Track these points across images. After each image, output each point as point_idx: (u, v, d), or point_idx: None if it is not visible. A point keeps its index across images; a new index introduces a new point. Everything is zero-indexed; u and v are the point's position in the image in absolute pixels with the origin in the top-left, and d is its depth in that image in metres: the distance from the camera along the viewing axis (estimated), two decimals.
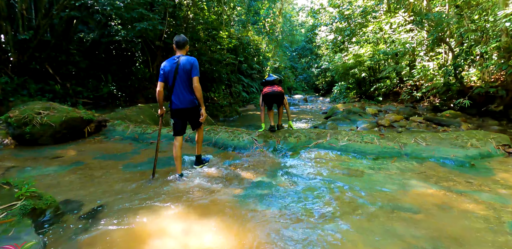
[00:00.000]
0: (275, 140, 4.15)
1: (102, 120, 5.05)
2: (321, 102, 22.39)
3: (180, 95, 3.12)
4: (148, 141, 4.68)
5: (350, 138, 4.07)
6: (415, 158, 3.61)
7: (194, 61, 3.12)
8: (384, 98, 15.69)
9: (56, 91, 9.94)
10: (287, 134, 4.29)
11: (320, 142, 4.11)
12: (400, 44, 13.05)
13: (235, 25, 17.79)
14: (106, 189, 2.80)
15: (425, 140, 3.93)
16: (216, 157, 3.81)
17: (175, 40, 3.21)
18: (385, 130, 8.56)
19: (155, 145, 4.45)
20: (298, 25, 26.98)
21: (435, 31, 9.66)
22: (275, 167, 3.39)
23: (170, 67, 3.10)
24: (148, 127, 5.09)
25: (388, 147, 3.82)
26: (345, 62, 17.67)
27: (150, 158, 3.77)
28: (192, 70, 3.07)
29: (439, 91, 11.97)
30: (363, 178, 3.00)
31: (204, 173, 3.24)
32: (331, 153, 3.84)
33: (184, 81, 3.10)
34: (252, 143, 4.15)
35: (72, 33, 10.90)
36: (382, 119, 9.47)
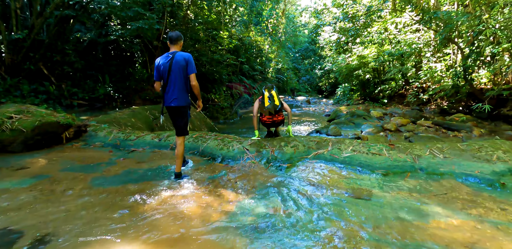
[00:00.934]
0: (269, 149, 3.59)
1: (82, 125, 4.54)
2: (324, 104, 21.76)
3: (174, 93, 2.98)
4: (129, 148, 4.15)
5: (355, 148, 3.50)
6: (432, 174, 3.02)
7: (189, 57, 2.99)
8: (389, 101, 15.02)
9: (50, 93, 9.51)
10: (283, 142, 3.72)
11: (321, 152, 3.54)
12: (406, 44, 12.40)
13: (237, 26, 17.28)
14: (61, 214, 2.27)
15: (442, 151, 3.34)
16: (200, 170, 3.27)
17: (168, 35, 3.10)
18: (391, 135, 7.95)
19: (135, 154, 3.94)
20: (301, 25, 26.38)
21: (444, 30, 9.01)
22: (266, 184, 2.83)
23: (164, 64, 2.96)
24: (132, 132, 4.57)
25: (400, 159, 3.24)
26: (349, 63, 17.03)
27: (126, 171, 3.24)
28: (188, 66, 2.95)
29: (447, 93, 11.30)
30: (371, 201, 2.43)
31: (182, 191, 2.70)
32: (333, 166, 3.27)
33: (179, 79, 2.96)
34: (243, 152, 3.60)
35: (68, 33, 10.47)
36: (388, 123, 8.85)
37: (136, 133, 4.53)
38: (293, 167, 3.27)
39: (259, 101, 4.14)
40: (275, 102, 3.99)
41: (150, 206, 2.35)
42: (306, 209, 2.30)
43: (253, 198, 2.51)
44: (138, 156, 3.82)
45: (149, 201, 2.42)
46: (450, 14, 8.69)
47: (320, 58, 31.38)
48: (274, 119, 4.16)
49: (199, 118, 10.31)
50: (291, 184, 2.82)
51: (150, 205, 2.38)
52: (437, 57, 12.81)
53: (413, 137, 7.34)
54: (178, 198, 2.51)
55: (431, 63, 12.91)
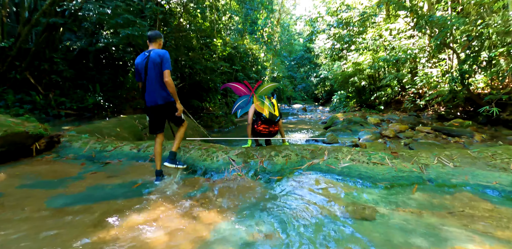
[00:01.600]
0: (257, 160, 3.16)
1: (55, 136, 4.11)
2: (320, 111, 21.42)
3: (152, 92, 2.88)
4: (104, 160, 3.71)
5: (353, 157, 3.08)
6: (443, 186, 2.60)
7: (165, 53, 2.87)
8: (386, 107, 14.71)
9: (36, 102, 9.08)
10: (273, 152, 3.30)
11: (316, 162, 3.12)
12: (401, 51, 12.19)
13: (232, 34, 17.09)
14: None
15: (452, 159, 2.93)
16: (177, 185, 2.82)
17: (147, 35, 3.04)
18: (390, 141, 7.55)
19: (109, 167, 3.49)
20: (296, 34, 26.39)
21: (439, 35, 8.77)
22: (251, 202, 2.39)
23: (141, 63, 2.89)
24: (110, 143, 4.13)
25: (405, 169, 2.82)
26: (344, 70, 16.81)
27: (92, 187, 2.79)
28: (163, 63, 2.83)
29: (444, 99, 10.99)
30: (375, 222, 2.00)
31: (150, 213, 2.25)
32: (330, 179, 2.84)
33: (155, 76, 2.86)
34: (228, 164, 3.16)
35: (57, 41, 10.14)
36: (386, 129, 8.47)
37: (114, 143, 4.10)
38: (284, 180, 2.83)
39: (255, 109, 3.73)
40: (274, 113, 3.59)
41: (105, 235, 1.90)
42: (297, 235, 1.87)
43: (234, 220, 2.07)
44: (112, 169, 3.38)
45: (106, 227, 1.97)
46: (445, 18, 8.47)
47: (315, 66, 31.32)
48: (270, 129, 3.72)
49: (192, 127, 9.88)
50: (280, 201, 2.39)
51: (106, 232, 1.92)
52: (432, 63, 12.59)
53: (413, 143, 6.94)
54: (144, 222, 2.06)
55: (427, 69, 12.68)
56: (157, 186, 2.74)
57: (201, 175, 3.05)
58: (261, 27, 19.75)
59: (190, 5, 10.91)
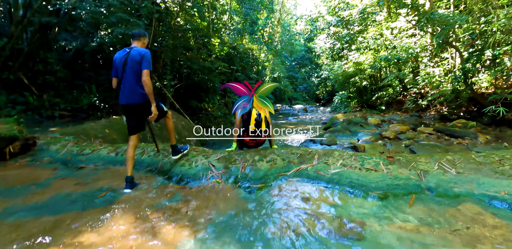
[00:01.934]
0: (239, 165, 2.86)
1: (30, 138, 3.84)
2: (321, 112, 21.06)
3: (128, 90, 2.71)
4: (79, 164, 3.43)
5: (345, 162, 2.77)
6: (445, 196, 2.28)
7: (146, 52, 2.74)
8: (387, 108, 14.32)
9: (29, 103, 8.87)
10: (257, 156, 2.99)
11: (304, 167, 2.81)
12: (402, 50, 11.81)
13: (231, 34, 16.81)
14: None
15: (454, 165, 2.61)
16: (148, 194, 2.53)
17: (132, 31, 3.00)
18: (390, 143, 7.21)
19: (82, 172, 3.21)
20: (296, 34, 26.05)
21: (442, 33, 8.40)
22: (226, 215, 2.08)
23: (120, 60, 2.76)
24: (88, 145, 3.86)
25: (401, 176, 2.50)
26: (345, 70, 16.46)
27: (55, 196, 2.51)
28: (143, 62, 2.68)
29: (447, 99, 10.60)
30: (365, 242, 1.69)
31: (108, 230, 1.95)
32: (317, 187, 2.53)
33: (133, 74, 2.71)
34: (207, 169, 2.86)
35: (52, 41, 9.93)
36: (386, 130, 8.12)
37: (93, 146, 3.82)
38: (266, 189, 2.52)
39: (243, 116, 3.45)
40: (261, 127, 3.34)
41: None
42: None
43: (202, 239, 1.77)
44: (84, 174, 3.10)
45: (52, 246, 1.68)
46: (447, 16, 8.09)
47: (316, 66, 30.95)
48: (258, 140, 3.47)
49: (188, 128, 9.61)
50: (258, 214, 2.08)
51: None
52: (434, 62, 12.19)
53: (414, 145, 6.59)
54: (92, 242, 1.77)
55: (429, 68, 12.28)
56: (125, 195, 2.45)
57: (177, 182, 2.75)
58: (262, 27, 19.45)
59: (187, 4, 10.64)
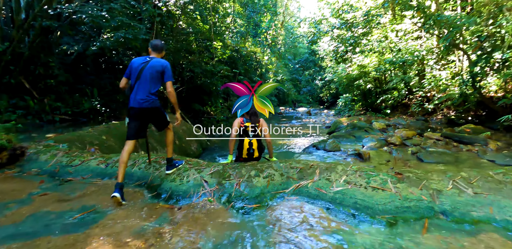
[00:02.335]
0: (234, 181, 2.61)
1: (18, 148, 3.65)
2: (325, 115, 20.74)
3: (138, 95, 2.72)
4: (66, 177, 3.22)
5: (349, 179, 2.50)
6: (462, 222, 2.00)
7: (168, 65, 2.84)
8: (392, 111, 13.97)
9: (30, 107, 8.75)
10: (254, 171, 2.74)
11: (304, 184, 2.55)
12: (408, 52, 11.49)
13: (234, 37, 16.63)
14: None
15: (471, 183, 2.33)
16: (132, 213, 2.29)
17: (152, 43, 2.97)
18: (396, 149, 6.89)
19: (67, 186, 3.00)
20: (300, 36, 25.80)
21: (449, 35, 8.08)
22: (215, 244, 1.84)
23: (138, 65, 2.78)
24: (79, 156, 3.64)
25: (412, 197, 2.23)
26: (349, 73, 16.15)
27: (33, 216, 2.29)
28: (165, 73, 2.79)
29: (454, 103, 10.25)
30: None
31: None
32: (318, 208, 2.27)
33: (148, 82, 2.74)
34: (199, 185, 2.62)
35: (54, 45, 9.83)
36: (392, 136, 7.81)
37: (83, 157, 3.61)
38: (262, 209, 2.27)
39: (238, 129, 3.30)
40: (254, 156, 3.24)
41: None
42: None
43: None
44: (69, 189, 2.88)
45: None
46: (454, 17, 7.79)
47: (320, 69, 30.65)
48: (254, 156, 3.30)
49: (189, 133, 9.41)
50: (250, 242, 1.83)
51: None
52: (441, 65, 11.84)
53: (421, 152, 6.27)
54: None
55: (435, 71, 11.93)
56: (107, 216, 2.22)
57: (165, 200, 2.51)
58: (265, 30, 19.26)
59: (189, 7, 10.47)
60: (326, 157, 6.54)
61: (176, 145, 8.08)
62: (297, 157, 6.36)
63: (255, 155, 3.27)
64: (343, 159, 6.25)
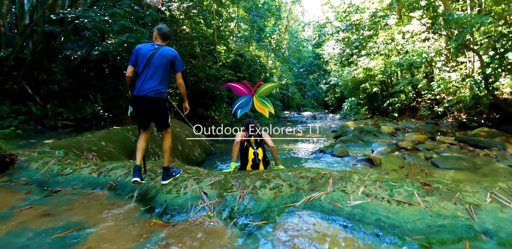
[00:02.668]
0: (236, 193, 2.30)
1: (7, 156, 3.39)
2: (330, 119, 20.33)
3: (146, 83, 2.59)
4: (55, 187, 2.94)
5: (368, 191, 2.17)
6: (510, 245, 1.66)
7: (177, 54, 2.70)
8: (400, 114, 13.55)
9: (32, 113, 8.59)
10: (259, 181, 2.42)
11: (316, 196, 2.22)
12: (415, 54, 11.13)
13: (238, 41, 16.47)
14: None
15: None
16: (119, 231, 1.99)
17: (161, 30, 2.72)
18: (408, 154, 6.49)
19: (54, 198, 2.71)
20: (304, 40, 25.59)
21: (461, 35, 7.73)
22: None
23: (146, 52, 2.62)
24: (72, 163, 3.37)
25: (445, 213, 1.88)
26: (354, 76, 15.82)
27: (9, 234, 2.01)
28: (176, 63, 2.68)
29: (466, 105, 9.82)
30: None
31: None
32: (334, 226, 1.94)
33: (157, 70, 2.61)
34: (198, 198, 2.31)
35: (57, 50, 9.72)
36: (402, 140, 7.41)
37: (75, 164, 3.34)
38: (268, 227, 1.95)
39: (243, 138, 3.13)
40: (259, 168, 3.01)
41: None
42: None
43: None
44: (56, 201, 2.60)
45: None
46: (466, 17, 7.44)
47: (325, 73, 30.34)
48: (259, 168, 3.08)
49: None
50: None
51: None
52: (450, 67, 11.45)
53: (436, 158, 5.87)
54: None
55: (444, 73, 11.54)
56: (92, 234, 1.92)
57: (159, 215, 2.20)
58: (269, 34, 19.09)
59: (193, 12, 10.31)
60: (335, 162, 6.18)
61: (178, 150, 7.80)
62: (304, 163, 6.01)
63: (260, 168, 3.03)
64: (352, 165, 5.88)
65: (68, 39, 9.89)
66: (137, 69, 2.68)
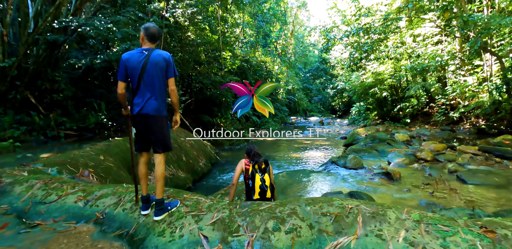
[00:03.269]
0: (244, 238, 1.83)
1: None
2: (338, 125, 19.72)
3: (147, 99, 2.23)
4: (34, 219, 2.51)
5: (412, 237, 1.68)
6: None
7: (170, 57, 2.31)
8: (412, 120, 12.91)
9: (35, 123, 8.30)
10: (271, 221, 1.94)
11: (344, 242, 1.74)
12: (428, 57, 10.56)
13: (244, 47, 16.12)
14: None
15: None
16: None
17: (148, 30, 2.26)
18: (428, 167, 5.91)
19: (28, 236, 2.28)
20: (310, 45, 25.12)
21: (481, 37, 7.18)
22: None
23: (137, 63, 2.21)
24: (58, 188, 2.94)
25: None
26: (363, 81, 15.26)
27: None
28: (168, 69, 2.29)
29: (485, 111, 9.19)
30: None
31: None
32: None
33: (154, 82, 2.26)
34: (196, 243, 1.85)
35: (60, 59, 9.47)
36: (421, 151, 6.82)
37: (63, 189, 2.92)
38: None
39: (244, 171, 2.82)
40: (266, 196, 2.64)
41: None
42: None
43: None
44: (30, 241, 2.16)
45: None
46: (489, 17, 6.89)
47: (331, 78, 29.79)
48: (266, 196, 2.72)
49: (197, 147, 8.71)
50: None
51: None
52: (465, 70, 10.83)
53: (461, 171, 5.29)
54: None
55: (459, 77, 10.92)
56: None
57: None
58: (275, 39, 18.72)
59: (198, 18, 9.98)
60: (349, 176, 5.65)
61: (183, 161, 7.37)
62: (315, 177, 5.50)
63: (267, 195, 2.63)
64: (369, 179, 5.35)
65: (72, 48, 9.64)
66: (131, 85, 2.30)
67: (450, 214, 3.33)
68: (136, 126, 2.32)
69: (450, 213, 3.34)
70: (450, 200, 4.19)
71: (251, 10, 16.60)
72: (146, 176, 2.35)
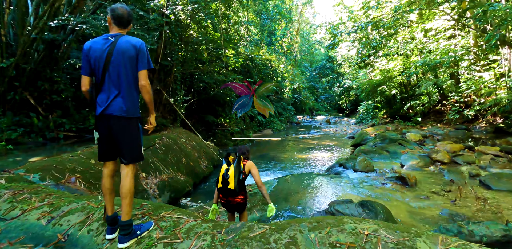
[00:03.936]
0: None
1: None
2: (345, 124, 19.04)
3: (112, 96, 1.80)
4: None
5: None
6: None
7: (142, 44, 1.84)
8: (424, 119, 12.21)
9: (33, 125, 8.02)
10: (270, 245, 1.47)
11: None
12: (441, 53, 9.87)
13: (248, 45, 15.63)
14: None
15: None
16: None
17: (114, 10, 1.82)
18: (446, 170, 5.33)
19: None
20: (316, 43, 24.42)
21: (501, 28, 6.52)
22: None
23: (100, 52, 1.77)
24: (26, 200, 2.55)
25: None
26: (371, 79, 14.59)
27: None
28: (140, 59, 1.82)
29: (505, 108, 8.48)
30: None
31: None
32: None
33: (120, 75, 1.80)
34: None
35: (61, 59, 9.18)
36: (437, 152, 6.21)
37: (31, 202, 2.51)
38: None
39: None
40: (229, 186, 2.42)
41: None
42: None
43: None
44: None
45: None
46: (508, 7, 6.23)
47: (338, 76, 29.04)
48: (229, 199, 2.55)
49: (199, 148, 8.30)
50: None
51: None
52: (481, 66, 10.09)
53: (486, 176, 4.70)
54: None
55: (474, 72, 10.19)
56: None
57: None
58: (280, 37, 18.18)
59: (199, 14, 9.55)
60: (359, 180, 5.12)
61: (182, 164, 6.95)
62: (321, 182, 4.99)
63: (230, 185, 2.42)
64: (382, 185, 4.81)
65: (72, 48, 9.33)
66: (95, 79, 1.88)
67: (481, 229, 2.80)
68: (98, 129, 1.89)
69: (481, 228, 2.80)
70: (476, 209, 3.64)
71: (256, 8, 16.10)
72: (111, 192, 1.92)
